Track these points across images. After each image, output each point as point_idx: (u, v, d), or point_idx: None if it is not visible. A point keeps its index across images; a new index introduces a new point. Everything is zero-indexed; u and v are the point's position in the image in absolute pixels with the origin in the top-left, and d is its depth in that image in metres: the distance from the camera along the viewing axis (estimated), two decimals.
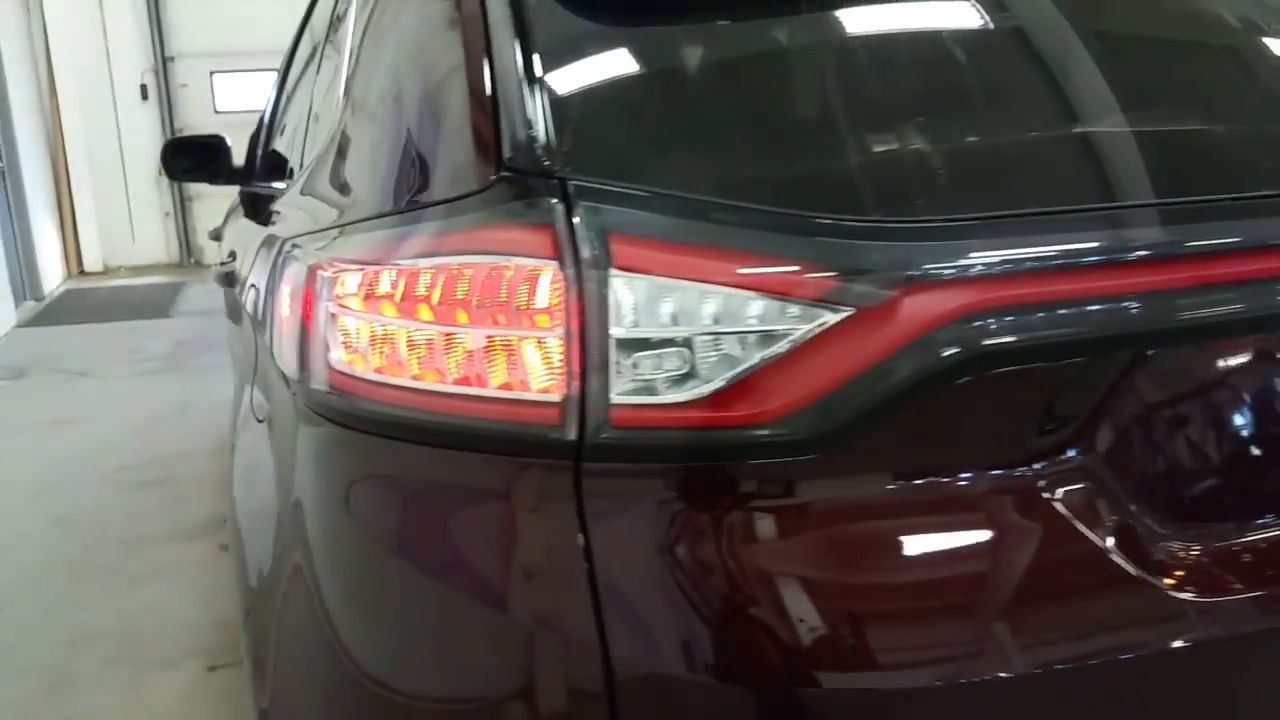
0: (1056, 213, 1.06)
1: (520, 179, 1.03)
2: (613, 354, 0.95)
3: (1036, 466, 1.06)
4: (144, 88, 9.57)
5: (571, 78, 1.12)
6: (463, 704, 1.04)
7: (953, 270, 0.98)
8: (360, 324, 1.08)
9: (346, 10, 1.78)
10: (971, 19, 1.30)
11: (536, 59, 1.11)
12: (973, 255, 1.00)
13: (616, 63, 1.17)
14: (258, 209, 2.26)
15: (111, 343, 6.74)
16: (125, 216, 9.69)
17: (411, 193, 1.15)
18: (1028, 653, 1.01)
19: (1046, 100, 1.26)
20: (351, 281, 1.09)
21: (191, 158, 3.13)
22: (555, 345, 0.96)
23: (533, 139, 1.04)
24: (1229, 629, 1.07)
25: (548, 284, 0.96)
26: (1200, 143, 1.25)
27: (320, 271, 1.16)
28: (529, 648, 0.99)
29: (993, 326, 0.98)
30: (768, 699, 0.99)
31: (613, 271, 0.95)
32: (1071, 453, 1.07)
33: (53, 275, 8.85)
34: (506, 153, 1.05)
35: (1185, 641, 1.05)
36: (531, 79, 1.09)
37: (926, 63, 1.25)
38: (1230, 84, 1.33)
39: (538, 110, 1.06)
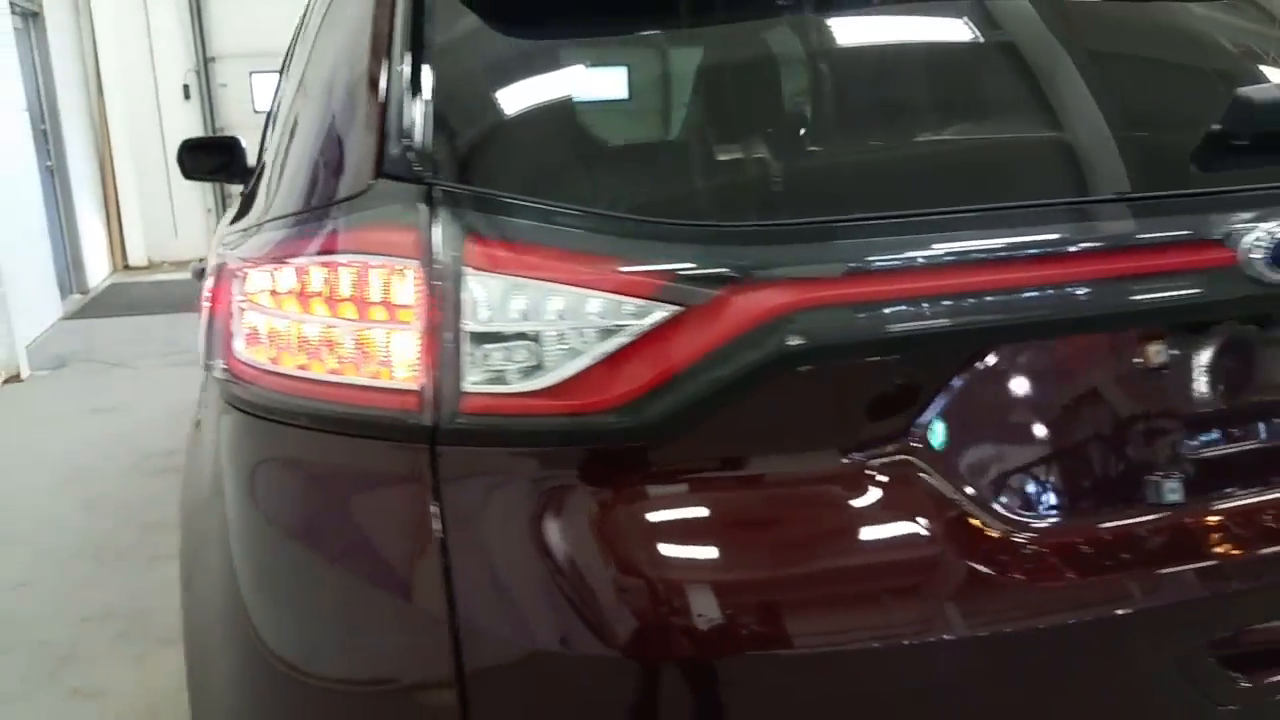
0: (880, 218, 1.14)
1: (393, 184, 1.13)
2: (466, 346, 1.05)
3: (867, 454, 1.13)
4: (186, 88, 9.86)
5: (449, 93, 1.21)
6: (348, 679, 1.15)
7: (777, 271, 1.07)
8: (255, 317, 1.19)
9: (307, 19, 1.90)
10: (809, 38, 1.38)
11: (423, 75, 1.20)
12: (797, 258, 1.08)
13: (488, 81, 1.26)
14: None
15: (150, 335, 6.94)
16: (168, 212, 9.96)
17: (310, 195, 1.25)
18: (848, 628, 1.10)
19: (874, 113, 1.34)
20: (251, 277, 1.20)
21: (207, 158, 3.25)
22: (415, 338, 1.06)
23: (407, 148, 1.14)
24: (1054, 615, 1.14)
25: (410, 281, 1.07)
26: (1027, 151, 1.33)
27: (227, 267, 1.27)
28: (390, 618, 1.10)
29: (815, 323, 1.06)
30: (603, 665, 1.08)
31: (467, 270, 1.05)
32: (902, 442, 1.14)
33: (98, 269, 9.12)
34: (385, 160, 1.15)
35: (1009, 625, 1.12)
36: (415, 93, 1.19)
37: (764, 81, 1.33)
38: (1065, 92, 1.40)
39: (416, 121, 1.16)
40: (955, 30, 1.47)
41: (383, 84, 1.21)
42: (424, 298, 1.05)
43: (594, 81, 1.31)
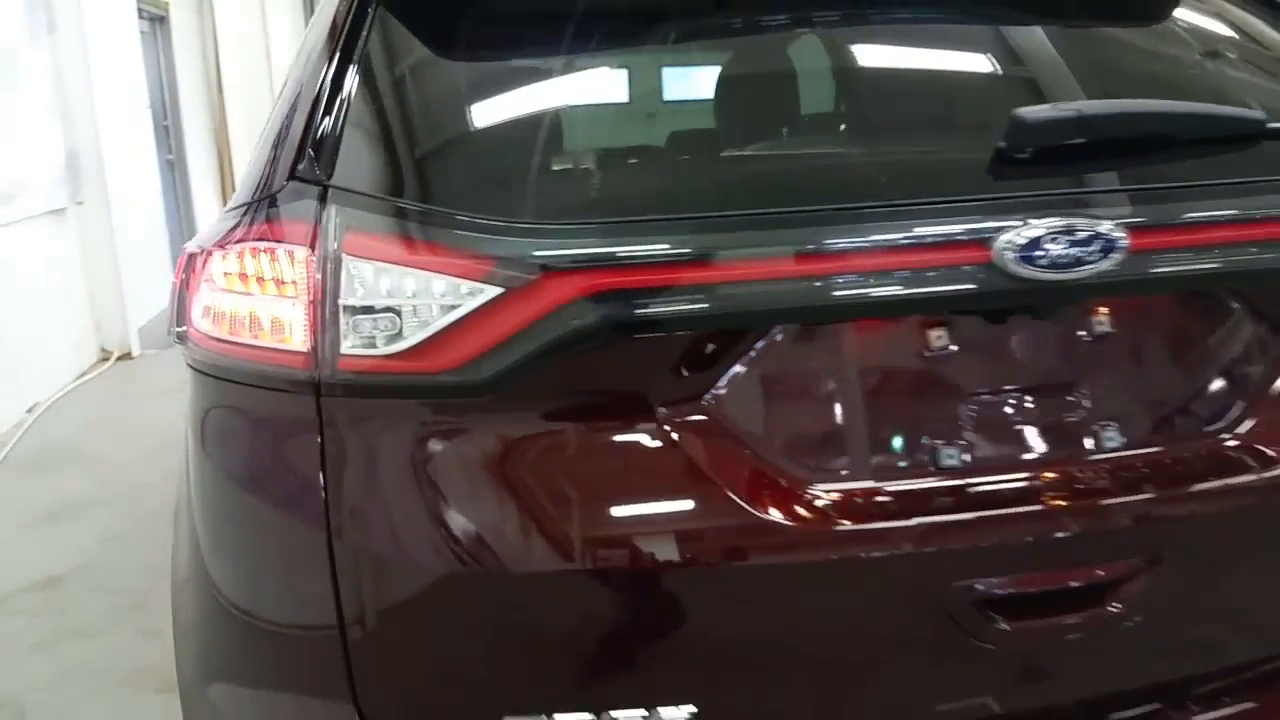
0: (666, 219, 1.35)
1: (299, 185, 1.39)
2: (342, 317, 1.30)
3: (670, 410, 1.33)
4: None
5: (352, 115, 1.44)
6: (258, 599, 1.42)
7: (583, 261, 1.29)
8: (207, 291, 1.45)
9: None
10: (631, 71, 1.62)
11: (337, 100, 1.45)
12: (600, 250, 1.30)
13: (381, 106, 1.50)
14: None
15: None
16: None
17: (251, 191, 1.51)
18: (644, 553, 1.32)
19: (674, 129, 1.57)
20: (199, 258, 1.48)
21: None
22: (304, 310, 1.32)
23: (314, 157, 1.40)
24: (822, 553, 1.34)
25: (301, 264, 1.32)
26: (816, 161, 1.53)
27: (189, 250, 1.55)
28: (283, 532, 1.37)
29: (605, 306, 1.27)
30: (444, 575, 1.32)
31: (345, 256, 1.30)
32: (701, 403, 1.34)
33: None
34: (298, 165, 1.41)
35: (781, 559, 1.33)
36: (328, 113, 1.44)
37: (580, 109, 1.57)
38: (851, 111, 1.59)
39: (326, 136, 1.42)
40: (755, 57, 1.68)
41: (309, 104, 1.47)
42: (311, 278, 1.30)
43: (456, 108, 1.55)
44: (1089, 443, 1.40)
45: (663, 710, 1.30)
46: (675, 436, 1.32)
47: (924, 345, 1.37)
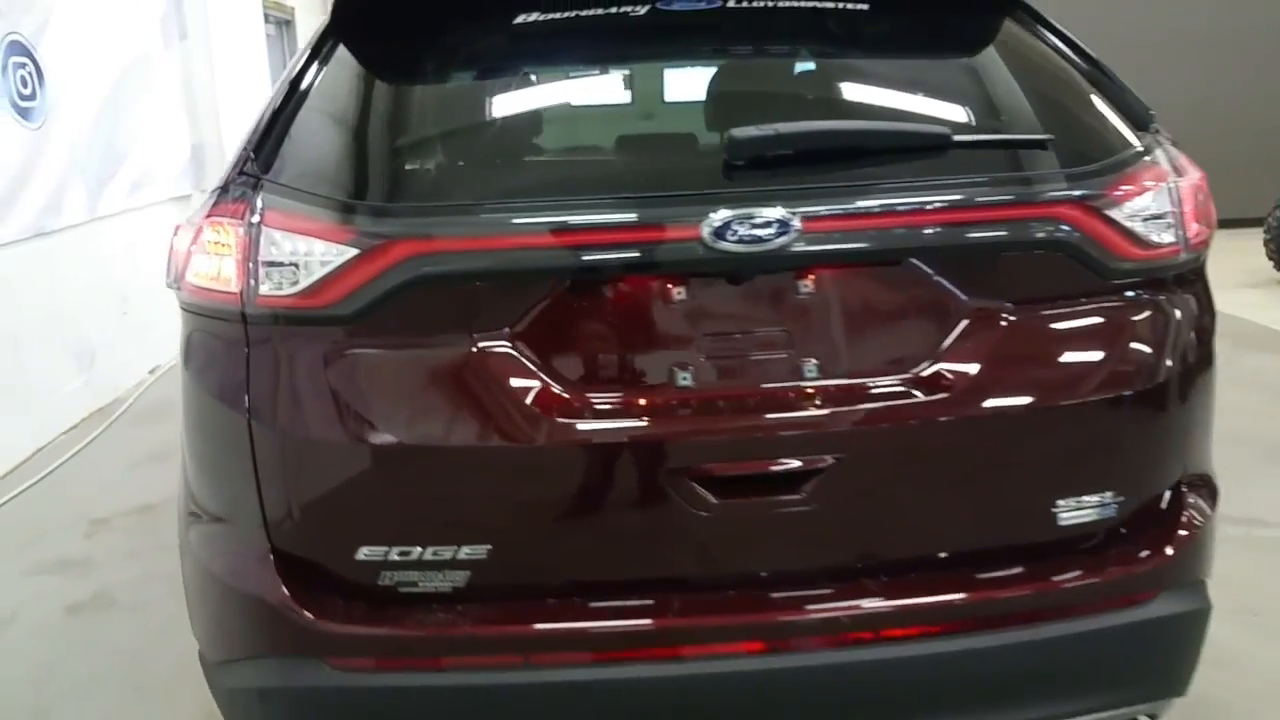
0: (477, 204, 1.88)
1: (241, 177, 1.95)
2: (260, 269, 1.85)
3: (485, 339, 1.82)
4: None
5: (287, 125, 1.98)
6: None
7: (410, 233, 1.80)
8: (184, 251, 2.03)
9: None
10: (458, 98, 2.18)
11: (281, 112, 2.00)
12: (424, 225, 1.81)
13: (308, 117, 2.01)
14: None
15: None
16: None
17: (219, 181, 2.08)
18: (453, 436, 1.83)
19: (483, 143, 2.11)
20: (189, 228, 2.05)
21: None
22: (235, 264, 1.88)
23: (256, 156, 1.95)
24: (601, 442, 1.83)
25: (237, 232, 1.88)
26: (597, 164, 2.05)
27: (180, 224, 2.13)
28: (222, 416, 1.93)
29: (437, 261, 1.78)
30: (320, 443, 1.85)
31: (263, 228, 1.86)
32: (507, 334, 1.82)
33: None
34: (244, 162, 1.97)
35: (556, 443, 1.82)
36: (272, 123, 2.00)
37: (426, 125, 2.12)
38: (622, 129, 2.11)
39: (267, 141, 1.98)
40: (559, 86, 2.22)
41: (263, 119, 2.04)
42: (240, 241, 1.87)
43: (346, 125, 2.07)
44: (788, 372, 1.86)
45: (465, 548, 1.83)
46: (486, 358, 1.84)
47: (668, 299, 1.86)
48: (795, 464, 1.84)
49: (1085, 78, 2.09)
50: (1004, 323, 1.88)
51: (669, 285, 1.84)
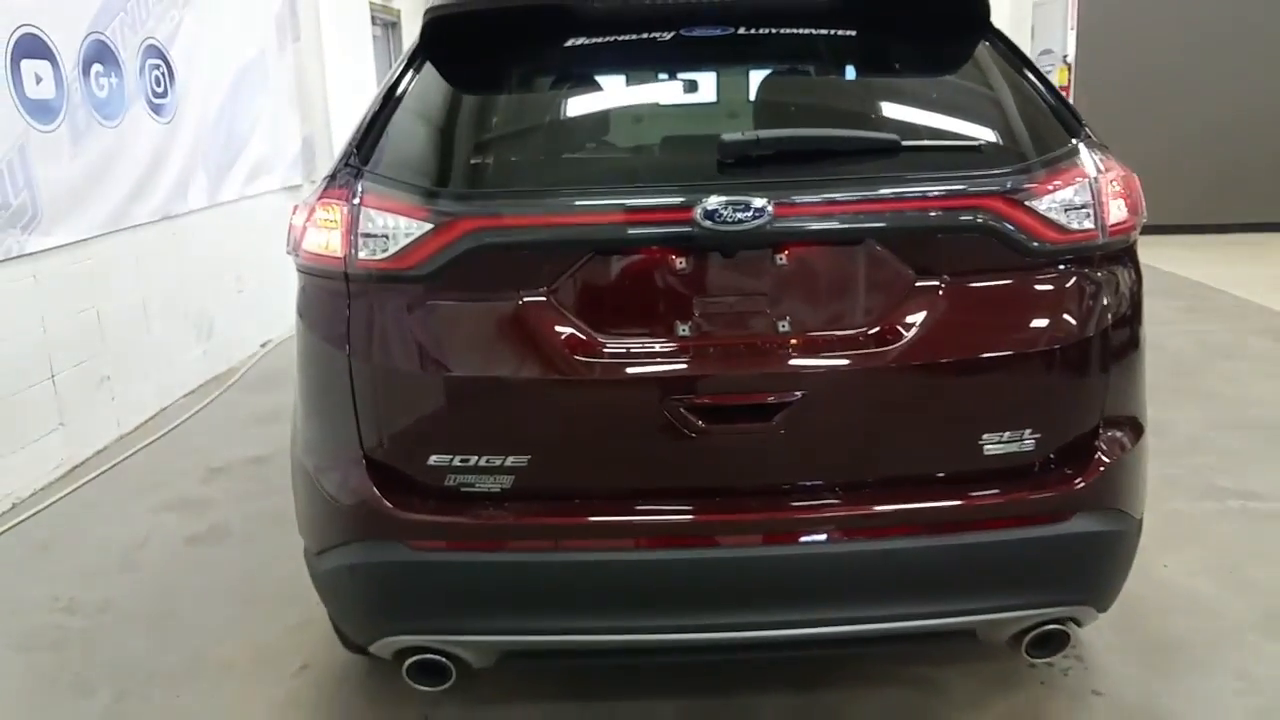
0: (529, 191, 2.37)
1: (346, 169, 2.44)
2: (360, 240, 2.35)
3: (530, 295, 2.27)
4: None
5: (382, 126, 2.48)
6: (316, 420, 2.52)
7: (474, 213, 2.27)
8: (301, 226, 2.55)
9: None
10: (521, 108, 2.69)
11: (378, 116, 2.50)
12: (485, 207, 2.29)
13: (399, 121, 2.49)
14: None
15: None
16: None
17: (329, 171, 2.59)
18: (510, 371, 2.29)
19: (536, 144, 2.61)
20: (305, 208, 2.58)
21: None
22: (341, 235, 2.39)
23: (360, 150, 2.44)
24: (615, 378, 2.27)
25: (342, 211, 2.40)
26: (620, 162, 2.55)
27: (297, 204, 2.66)
28: (330, 363, 2.40)
29: (492, 234, 2.24)
30: (405, 374, 2.33)
31: (361, 208, 2.36)
32: (546, 291, 2.27)
33: None
34: (349, 157, 2.47)
35: (581, 378, 2.27)
36: (372, 125, 2.51)
37: (491, 129, 2.61)
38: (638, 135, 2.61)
39: (368, 139, 2.49)
40: (592, 98, 2.71)
41: (364, 122, 2.56)
42: (344, 218, 2.38)
43: (430, 127, 2.55)
44: (766, 326, 2.29)
45: (510, 458, 2.32)
46: (529, 310, 2.30)
47: (671, 267, 2.30)
48: (769, 399, 2.28)
49: (1028, 91, 2.51)
50: (941, 291, 2.30)
51: (672, 256, 2.29)
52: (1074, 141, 2.41)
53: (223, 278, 6.72)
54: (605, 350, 2.30)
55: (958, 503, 2.32)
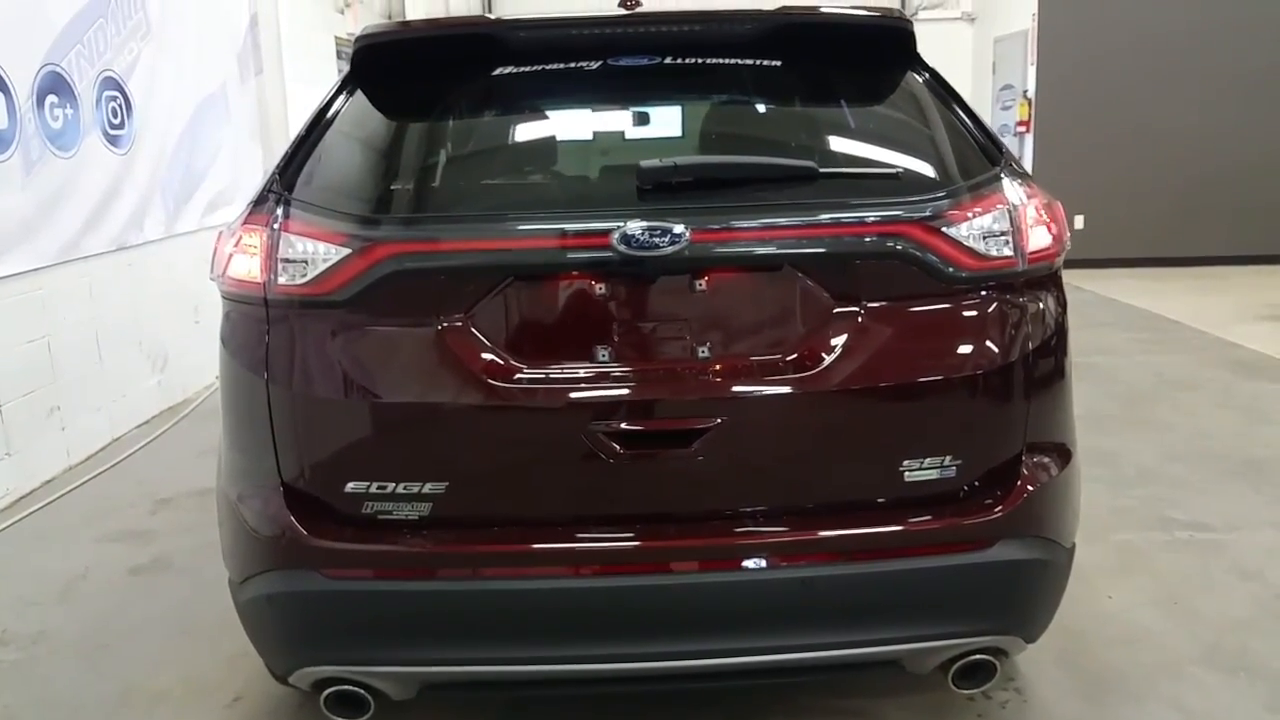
0: (443, 216, 2.39)
1: (270, 194, 2.42)
2: (280, 265, 2.33)
3: (447, 320, 2.26)
4: None
5: (305, 154, 2.49)
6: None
7: (389, 238, 2.27)
8: (226, 252, 2.52)
9: None
10: (432, 139, 2.68)
11: (305, 140, 2.51)
12: (400, 232, 2.30)
13: (320, 150, 2.50)
14: None
15: None
16: None
17: (253, 196, 2.58)
18: (420, 396, 2.28)
19: (451, 171, 2.59)
20: (229, 233, 2.56)
21: None
22: (259, 261, 2.38)
23: (284, 175, 2.45)
24: (536, 403, 2.25)
25: (263, 236, 2.38)
26: (545, 189, 2.55)
27: (222, 230, 2.65)
28: (248, 385, 2.39)
29: (409, 259, 2.24)
30: (320, 400, 2.31)
31: (281, 233, 2.35)
32: (464, 317, 2.26)
33: None
34: (273, 183, 2.46)
35: (498, 403, 2.25)
36: (296, 150, 2.50)
37: (405, 157, 2.61)
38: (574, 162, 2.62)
39: (292, 162, 2.47)
40: (515, 125, 2.72)
41: (292, 144, 2.56)
42: (265, 243, 2.37)
43: (349, 154, 2.56)
44: (685, 351, 2.29)
45: (427, 484, 2.29)
46: (446, 335, 2.29)
47: (592, 293, 2.29)
48: (688, 425, 2.26)
49: (951, 121, 2.53)
50: (860, 317, 2.29)
51: (591, 281, 2.29)
52: (995, 170, 2.42)
53: (180, 308, 6.68)
54: (523, 376, 2.29)
55: (877, 529, 2.31)
